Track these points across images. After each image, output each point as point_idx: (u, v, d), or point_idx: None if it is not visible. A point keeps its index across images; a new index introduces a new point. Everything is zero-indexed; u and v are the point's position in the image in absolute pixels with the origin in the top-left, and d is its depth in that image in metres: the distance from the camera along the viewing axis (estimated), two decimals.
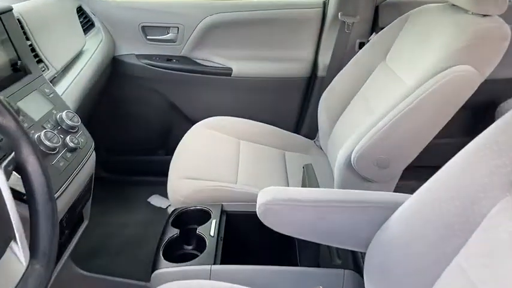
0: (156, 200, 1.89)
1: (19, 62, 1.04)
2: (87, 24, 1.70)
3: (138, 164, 2.02)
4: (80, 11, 1.68)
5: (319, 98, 1.61)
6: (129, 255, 1.55)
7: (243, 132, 1.60)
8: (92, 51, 1.56)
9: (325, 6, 1.78)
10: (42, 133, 0.93)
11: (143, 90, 1.86)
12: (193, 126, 1.61)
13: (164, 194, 1.89)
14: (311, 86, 1.86)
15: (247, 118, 1.69)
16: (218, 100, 1.88)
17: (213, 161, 1.41)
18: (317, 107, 1.62)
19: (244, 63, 1.83)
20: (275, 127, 1.71)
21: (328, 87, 1.57)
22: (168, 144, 2.00)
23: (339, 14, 1.67)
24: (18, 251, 0.62)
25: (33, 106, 1.01)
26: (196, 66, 1.83)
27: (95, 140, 1.11)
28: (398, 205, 0.80)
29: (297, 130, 1.94)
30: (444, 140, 1.38)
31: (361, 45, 1.72)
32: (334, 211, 0.83)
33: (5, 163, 0.65)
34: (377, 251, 0.82)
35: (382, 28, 1.51)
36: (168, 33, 1.81)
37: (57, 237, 0.68)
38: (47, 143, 0.92)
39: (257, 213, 0.84)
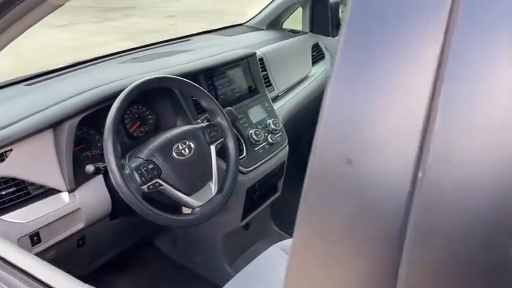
0: None
1: (253, 86, 1.71)
2: (319, 56, 2.28)
3: None
4: (316, 46, 2.28)
5: None
6: None
7: None
8: (315, 77, 2.14)
9: None
10: (253, 131, 1.55)
11: None
12: None
13: None
14: None
15: None
16: None
17: None
18: None
19: None
20: None
21: None
22: None
23: None
24: (212, 187, 1.24)
25: (254, 113, 1.65)
26: None
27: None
28: None
29: None
30: None
31: None
32: None
33: (216, 143, 1.28)
34: None
35: None
36: None
37: (234, 185, 1.27)
38: (255, 137, 1.55)
39: None
